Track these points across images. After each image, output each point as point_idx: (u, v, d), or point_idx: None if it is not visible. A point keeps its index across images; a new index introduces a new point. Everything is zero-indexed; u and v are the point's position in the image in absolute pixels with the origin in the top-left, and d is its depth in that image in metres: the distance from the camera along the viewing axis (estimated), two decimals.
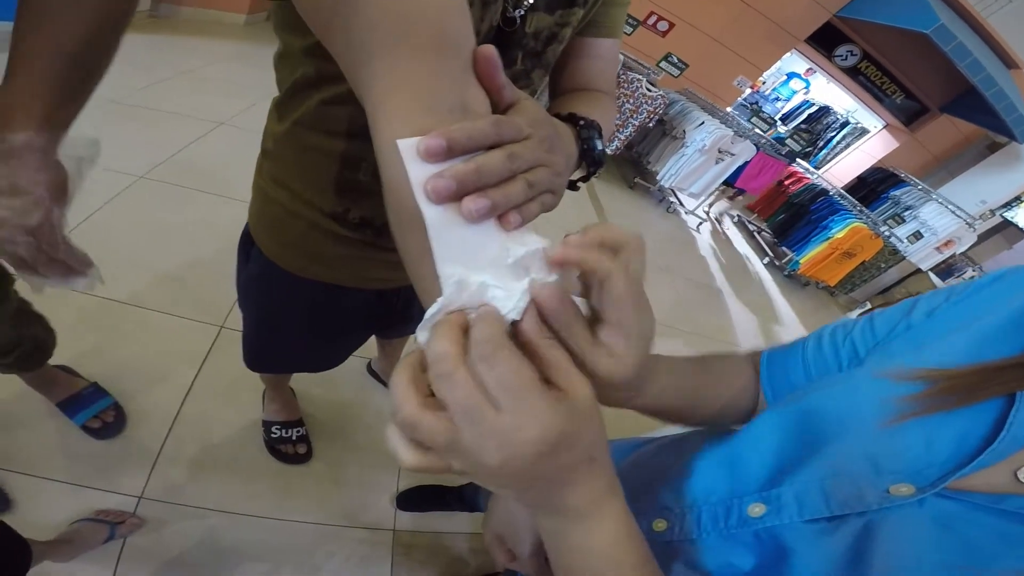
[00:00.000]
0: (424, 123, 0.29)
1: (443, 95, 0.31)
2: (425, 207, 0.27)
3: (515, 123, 0.31)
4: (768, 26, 4.69)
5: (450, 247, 0.27)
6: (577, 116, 0.47)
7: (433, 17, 0.31)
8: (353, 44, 0.32)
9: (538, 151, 0.32)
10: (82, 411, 1.18)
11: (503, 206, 0.28)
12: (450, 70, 0.32)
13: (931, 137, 5.75)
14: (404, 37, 0.31)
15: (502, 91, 0.35)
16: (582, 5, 0.55)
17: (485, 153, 0.29)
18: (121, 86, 2.52)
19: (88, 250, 0.60)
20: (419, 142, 0.27)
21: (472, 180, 0.27)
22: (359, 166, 0.58)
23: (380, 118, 0.31)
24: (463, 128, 0.28)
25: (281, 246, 0.70)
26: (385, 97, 0.31)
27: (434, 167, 0.27)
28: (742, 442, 0.41)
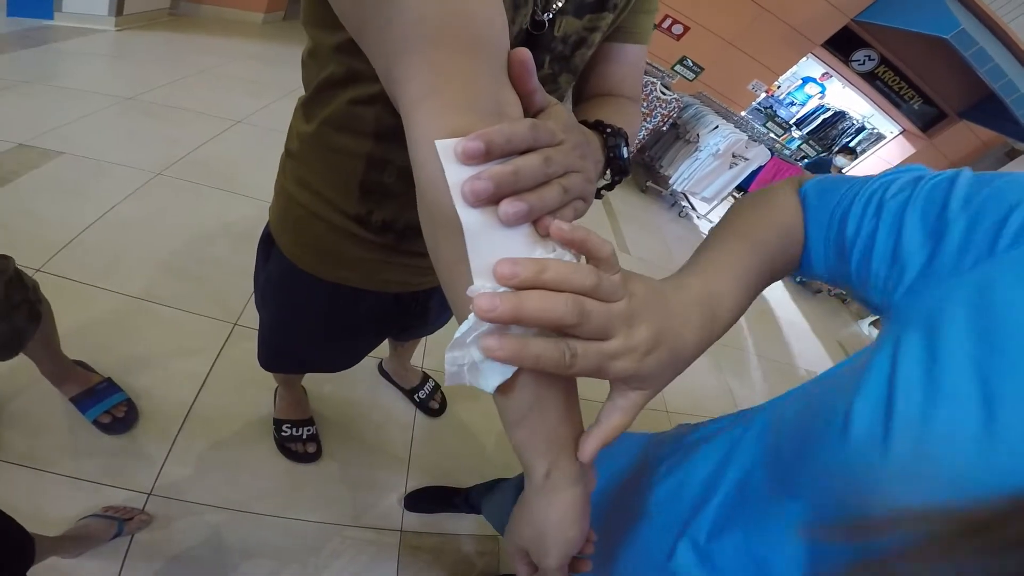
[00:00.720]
0: (462, 123, 0.29)
1: (481, 96, 0.31)
2: (462, 209, 0.26)
3: (550, 128, 0.31)
4: (785, 30, 4.63)
5: (485, 252, 0.27)
6: (604, 124, 0.47)
7: (473, 17, 0.31)
8: (391, 40, 0.32)
9: (572, 157, 0.32)
10: (94, 406, 1.19)
11: (539, 211, 0.28)
12: (488, 71, 0.32)
13: (949, 143, 5.66)
14: (444, 35, 0.30)
15: (534, 95, 0.34)
16: (611, 10, 0.55)
17: (522, 156, 0.29)
18: (140, 83, 2.56)
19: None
20: (457, 143, 0.27)
21: (509, 183, 0.27)
22: (384, 168, 0.58)
23: (417, 117, 0.31)
24: (501, 130, 0.28)
25: (302, 247, 0.71)
26: (423, 96, 0.31)
27: (471, 169, 0.27)
28: None
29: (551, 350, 0.27)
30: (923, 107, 5.39)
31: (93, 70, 2.64)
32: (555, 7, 0.50)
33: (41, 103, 2.19)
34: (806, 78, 6.75)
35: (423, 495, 1.38)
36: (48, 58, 2.58)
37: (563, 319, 0.26)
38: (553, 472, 0.33)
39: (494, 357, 0.26)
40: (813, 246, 0.42)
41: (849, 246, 0.38)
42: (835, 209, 0.40)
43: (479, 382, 0.29)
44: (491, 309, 0.25)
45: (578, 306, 0.26)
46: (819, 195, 0.43)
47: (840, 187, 0.41)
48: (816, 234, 0.42)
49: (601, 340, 0.28)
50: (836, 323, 4.43)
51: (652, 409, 2.08)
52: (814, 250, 0.42)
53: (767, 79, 5.06)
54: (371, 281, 0.72)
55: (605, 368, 0.29)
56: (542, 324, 0.26)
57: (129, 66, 2.80)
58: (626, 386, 0.32)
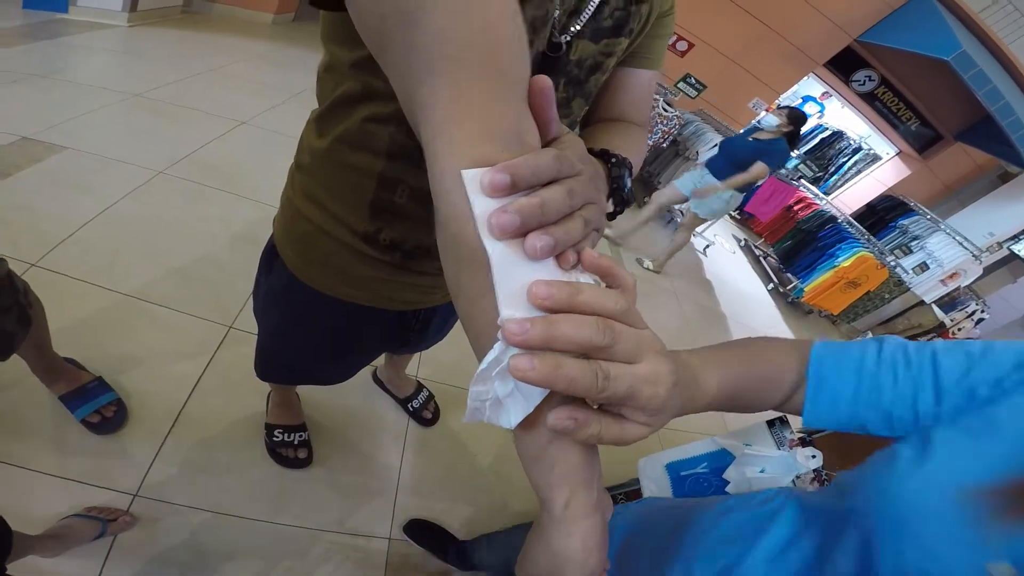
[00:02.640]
0: (486, 153, 0.28)
1: (504, 125, 0.30)
2: (488, 242, 0.26)
3: (570, 159, 0.31)
4: (788, 49, 4.70)
5: (511, 285, 0.26)
6: (610, 153, 0.47)
7: (498, 43, 0.31)
8: (415, 62, 0.31)
9: (590, 188, 0.32)
10: (83, 405, 1.18)
11: (564, 244, 0.28)
12: (510, 98, 0.31)
13: (943, 165, 5.74)
14: (469, 60, 0.30)
15: (551, 124, 0.34)
16: (627, 35, 0.55)
17: (546, 188, 0.28)
18: (149, 80, 2.57)
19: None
20: (483, 174, 0.26)
21: (536, 216, 0.27)
22: (396, 188, 0.58)
23: (440, 144, 0.30)
24: (527, 162, 0.27)
25: (306, 262, 0.70)
26: (446, 121, 0.30)
27: (497, 201, 0.27)
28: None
29: (585, 372, 0.26)
30: (920, 128, 5.46)
31: (103, 65, 2.65)
32: (572, 30, 0.51)
33: (49, 97, 2.19)
34: (806, 97, 6.82)
35: (423, 527, 1.37)
36: (59, 52, 2.59)
37: (594, 339, 0.26)
38: (572, 502, 0.33)
39: (526, 379, 0.25)
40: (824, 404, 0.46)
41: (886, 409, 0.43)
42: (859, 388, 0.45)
43: (500, 419, 0.28)
44: (521, 332, 0.24)
45: (609, 328, 0.26)
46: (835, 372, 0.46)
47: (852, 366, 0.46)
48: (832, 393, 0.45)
49: (631, 364, 0.28)
50: None
51: None
52: (826, 403, 0.46)
53: (768, 97, 5.13)
54: (375, 299, 0.72)
55: (637, 393, 0.28)
56: (573, 347, 0.26)
57: (139, 62, 2.82)
58: (641, 415, 0.31)
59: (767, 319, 4.08)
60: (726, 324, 3.53)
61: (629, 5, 0.54)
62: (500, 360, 0.26)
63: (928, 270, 4.52)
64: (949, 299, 4.82)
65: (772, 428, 1.19)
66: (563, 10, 0.50)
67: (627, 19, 0.54)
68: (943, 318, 4.48)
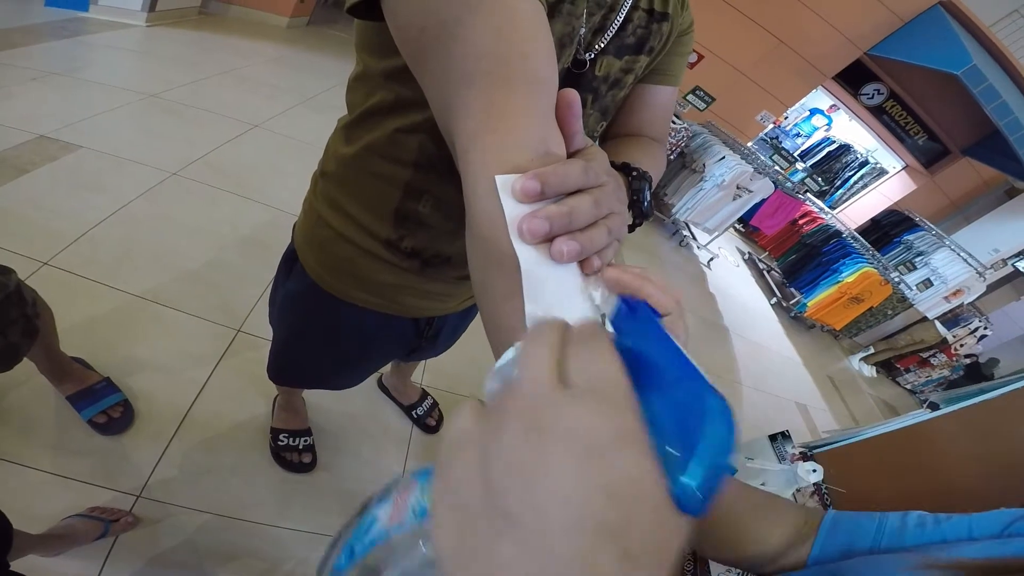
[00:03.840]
0: (519, 161, 0.30)
1: (534, 135, 0.32)
2: (519, 245, 0.27)
3: (596, 170, 0.32)
4: (797, 62, 4.70)
5: (537, 288, 0.27)
6: (631, 166, 0.48)
7: (531, 56, 0.33)
8: (451, 73, 0.33)
9: (612, 199, 0.33)
10: (91, 406, 1.18)
11: (589, 251, 0.29)
12: (540, 111, 0.33)
13: (950, 180, 5.72)
14: (503, 73, 0.32)
15: (575, 136, 0.35)
16: (648, 53, 0.56)
17: (574, 196, 0.30)
18: (164, 81, 2.60)
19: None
20: (516, 180, 0.28)
21: (564, 223, 0.28)
22: (421, 197, 0.59)
23: (475, 152, 0.32)
24: (556, 171, 0.29)
25: (325, 267, 0.71)
26: (481, 131, 0.32)
27: (527, 207, 0.28)
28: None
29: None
30: (928, 143, 5.45)
31: (120, 65, 2.68)
32: (597, 47, 0.52)
33: (66, 96, 2.22)
34: (813, 110, 6.83)
35: None
36: (78, 50, 2.62)
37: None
38: None
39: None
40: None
41: None
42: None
43: None
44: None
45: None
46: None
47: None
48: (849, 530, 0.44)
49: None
50: (827, 357, 4.46)
51: None
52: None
53: (776, 110, 5.13)
54: (391, 305, 0.73)
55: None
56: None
57: (155, 63, 2.85)
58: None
59: (769, 333, 4.07)
60: (728, 338, 3.53)
61: (651, 23, 0.55)
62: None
63: (932, 287, 4.51)
64: (952, 315, 4.80)
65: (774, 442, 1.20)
66: (589, 27, 0.51)
67: (648, 37, 0.56)
68: (945, 334, 4.47)
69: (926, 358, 4.57)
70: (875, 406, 4.14)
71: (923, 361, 4.60)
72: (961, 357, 4.63)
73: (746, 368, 3.29)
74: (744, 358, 3.39)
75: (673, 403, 0.20)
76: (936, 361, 4.55)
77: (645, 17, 0.55)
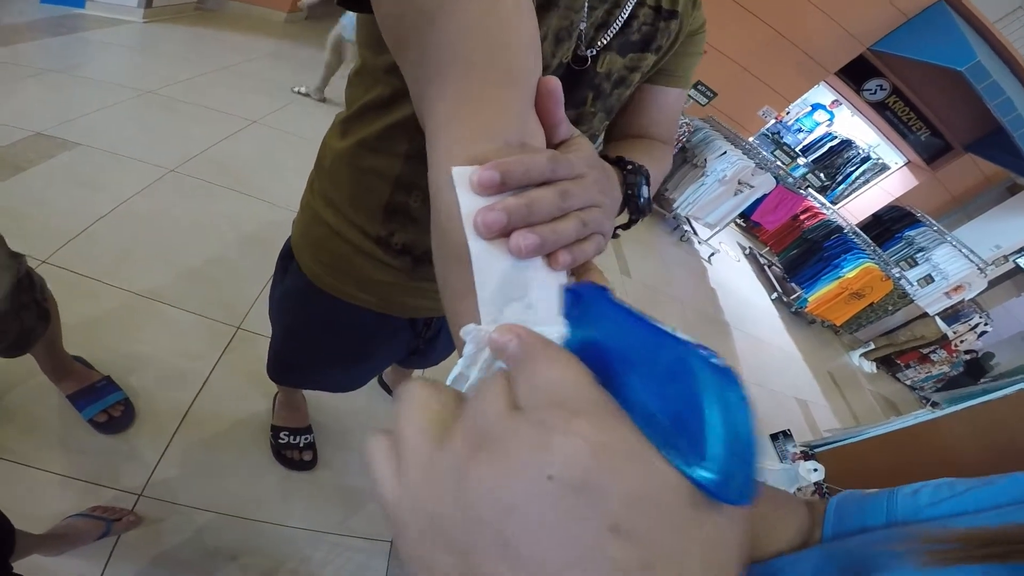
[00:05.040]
0: (483, 152, 0.28)
1: (505, 127, 0.30)
2: (472, 240, 0.25)
3: (570, 161, 0.30)
4: (800, 57, 4.67)
5: (494, 285, 0.25)
6: (625, 160, 0.46)
7: (510, 47, 0.32)
8: (427, 61, 0.32)
9: (592, 191, 0.31)
10: (91, 405, 1.18)
11: (552, 244, 0.27)
12: (515, 102, 0.32)
13: (952, 176, 5.70)
14: (480, 62, 0.31)
15: (559, 126, 0.34)
16: (654, 52, 0.55)
17: (537, 188, 0.28)
18: (161, 77, 2.59)
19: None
20: (472, 171, 0.26)
21: (522, 215, 0.26)
22: (411, 191, 0.58)
23: (439, 141, 0.31)
24: (519, 161, 0.27)
25: (322, 266, 0.71)
26: (448, 120, 0.31)
27: (485, 200, 0.26)
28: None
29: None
30: (930, 139, 5.43)
31: (117, 61, 2.67)
32: (600, 44, 0.50)
33: (63, 92, 2.21)
34: (815, 105, 6.80)
35: None
36: (75, 47, 2.61)
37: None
38: None
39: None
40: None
41: None
42: None
43: None
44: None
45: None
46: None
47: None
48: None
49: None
50: (828, 353, 4.46)
51: None
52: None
53: (778, 105, 5.10)
54: (386, 304, 0.72)
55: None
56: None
57: (152, 59, 2.84)
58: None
59: (770, 329, 4.07)
60: (729, 333, 3.54)
61: (657, 21, 0.54)
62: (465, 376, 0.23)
63: (933, 283, 4.51)
64: (952, 311, 4.81)
65: (775, 441, 1.20)
66: (591, 23, 0.50)
67: (655, 34, 0.54)
68: (946, 330, 4.47)
69: (926, 354, 4.57)
70: (875, 402, 4.15)
71: (923, 357, 4.60)
72: (961, 353, 4.63)
73: (747, 363, 3.29)
74: (745, 353, 3.39)
75: (657, 380, 0.17)
76: (936, 357, 4.56)
77: (652, 14, 0.53)
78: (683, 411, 0.15)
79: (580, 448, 0.15)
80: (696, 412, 0.15)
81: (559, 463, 0.15)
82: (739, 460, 0.15)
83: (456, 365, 0.24)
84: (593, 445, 0.15)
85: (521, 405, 0.17)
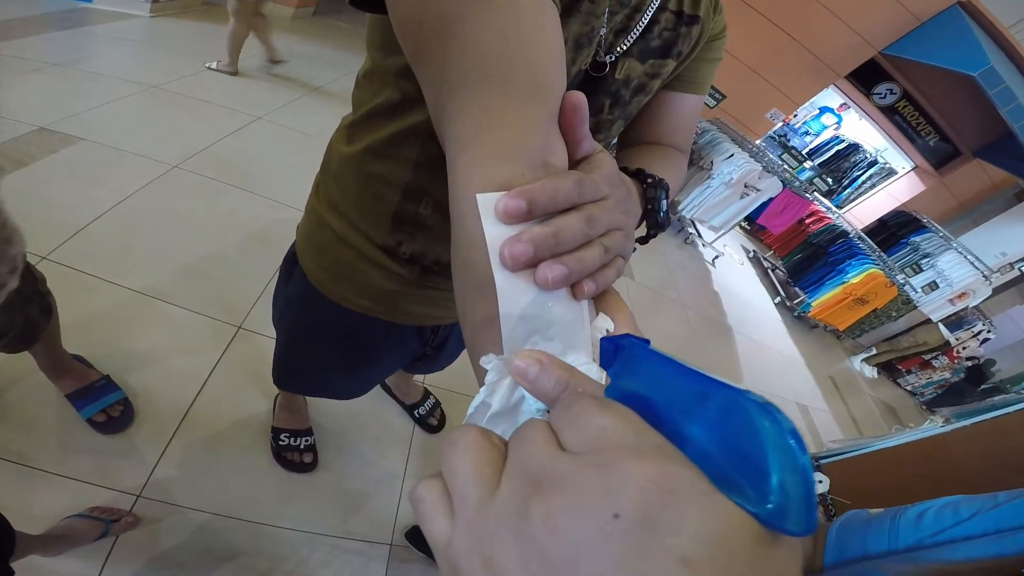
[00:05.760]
0: (506, 175, 0.28)
1: (530, 144, 0.29)
2: (498, 271, 0.25)
3: (595, 183, 0.29)
4: (810, 60, 4.62)
5: (517, 316, 0.25)
6: (645, 173, 0.45)
7: (533, 62, 0.31)
8: (447, 74, 0.31)
9: (615, 213, 0.30)
10: (90, 404, 1.18)
11: (578, 274, 0.26)
12: (539, 119, 0.30)
13: (959, 182, 5.65)
14: (502, 77, 0.30)
15: (582, 143, 0.33)
16: (675, 58, 0.53)
17: (563, 216, 0.27)
18: (166, 72, 2.57)
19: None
20: (499, 200, 0.26)
21: (549, 245, 0.25)
22: (421, 199, 0.56)
23: (461, 162, 0.30)
24: (544, 188, 0.26)
25: (326, 272, 0.69)
26: (470, 139, 0.30)
27: (510, 228, 0.26)
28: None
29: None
30: (939, 144, 5.37)
31: (123, 56, 2.65)
32: (619, 49, 0.49)
33: (67, 87, 2.20)
34: (823, 108, 6.74)
35: (422, 537, 1.38)
36: (81, 41, 2.60)
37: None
38: None
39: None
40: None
41: None
42: None
43: None
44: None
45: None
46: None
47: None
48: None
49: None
50: (829, 358, 4.45)
51: None
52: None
53: (786, 108, 5.06)
54: (393, 313, 0.71)
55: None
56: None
57: (158, 53, 2.82)
58: None
59: (772, 333, 4.06)
60: (731, 336, 3.52)
61: (679, 26, 0.52)
62: (488, 404, 0.23)
63: (937, 289, 4.48)
64: (956, 318, 4.78)
65: None
66: (610, 28, 0.48)
67: (676, 40, 0.53)
68: (948, 337, 4.45)
69: (928, 360, 4.56)
70: (875, 407, 4.14)
71: (925, 363, 4.59)
72: (963, 359, 4.61)
73: (748, 367, 3.28)
74: (747, 357, 3.38)
75: (708, 423, 0.17)
76: (938, 363, 4.54)
77: (673, 19, 0.52)
78: (740, 450, 0.16)
79: (644, 486, 0.15)
80: (755, 450, 0.15)
81: (625, 502, 0.15)
82: (799, 492, 0.15)
83: (478, 394, 0.24)
84: (657, 483, 0.15)
85: (570, 448, 0.17)
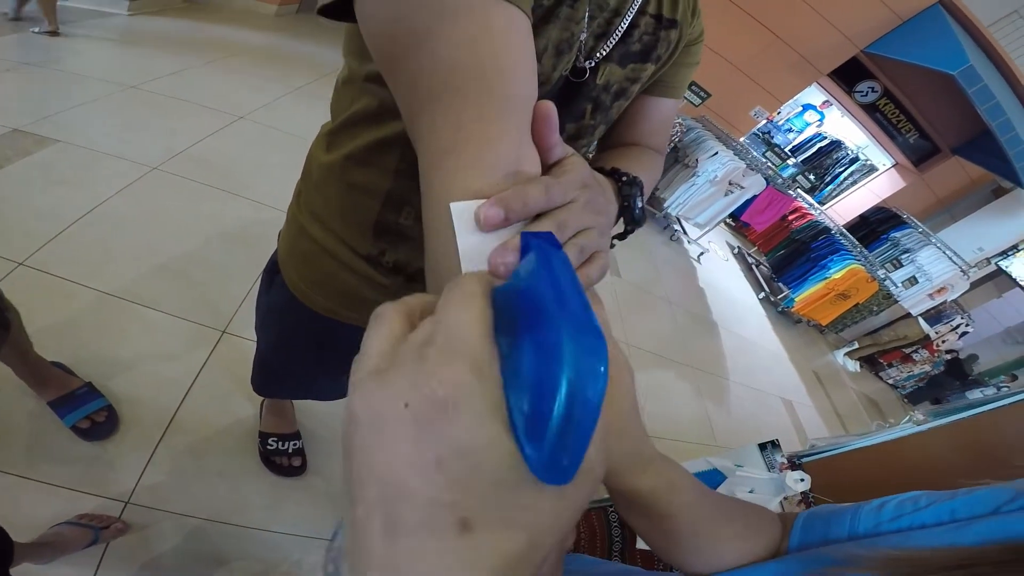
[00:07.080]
0: (481, 186, 0.28)
1: (502, 155, 0.30)
2: None
3: (563, 187, 0.30)
4: (793, 58, 4.68)
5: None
6: (620, 172, 0.46)
7: (505, 72, 0.31)
8: (419, 87, 0.32)
9: (585, 214, 0.31)
10: (73, 412, 1.16)
11: None
12: (511, 130, 0.31)
13: (938, 179, 5.79)
14: (474, 89, 0.30)
15: (553, 149, 0.34)
16: (654, 62, 0.54)
17: (534, 223, 0.28)
18: (145, 71, 2.52)
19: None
20: (477, 210, 0.26)
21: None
22: (402, 209, 0.56)
23: (435, 176, 0.30)
24: (517, 195, 0.27)
25: (307, 282, 0.69)
26: (444, 151, 0.30)
27: (484, 237, 0.26)
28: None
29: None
30: (919, 141, 5.49)
31: (100, 55, 2.59)
32: (599, 55, 0.49)
33: (43, 87, 2.15)
34: (806, 105, 6.84)
35: None
36: (56, 40, 2.53)
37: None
38: None
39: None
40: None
41: None
42: None
43: None
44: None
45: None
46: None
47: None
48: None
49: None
50: (812, 352, 4.53)
51: None
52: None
53: (770, 106, 5.12)
54: None
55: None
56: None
57: (136, 53, 2.76)
58: None
59: (756, 328, 4.12)
60: (717, 331, 3.57)
61: (658, 30, 0.53)
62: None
63: (917, 284, 4.59)
64: (935, 312, 4.91)
65: (764, 451, 1.21)
66: (590, 33, 0.49)
67: (655, 44, 0.53)
68: (928, 331, 4.56)
69: (908, 354, 4.67)
70: (857, 401, 4.23)
71: (906, 357, 4.70)
72: (942, 353, 4.74)
73: (733, 362, 3.33)
74: (731, 352, 3.43)
75: (540, 349, 0.16)
76: (918, 357, 4.65)
77: (653, 23, 0.52)
78: (543, 385, 0.16)
79: (435, 390, 0.17)
80: (550, 391, 0.15)
81: (417, 397, 0.17)
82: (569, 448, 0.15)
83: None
84: (447, 392, 0.17)
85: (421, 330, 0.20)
